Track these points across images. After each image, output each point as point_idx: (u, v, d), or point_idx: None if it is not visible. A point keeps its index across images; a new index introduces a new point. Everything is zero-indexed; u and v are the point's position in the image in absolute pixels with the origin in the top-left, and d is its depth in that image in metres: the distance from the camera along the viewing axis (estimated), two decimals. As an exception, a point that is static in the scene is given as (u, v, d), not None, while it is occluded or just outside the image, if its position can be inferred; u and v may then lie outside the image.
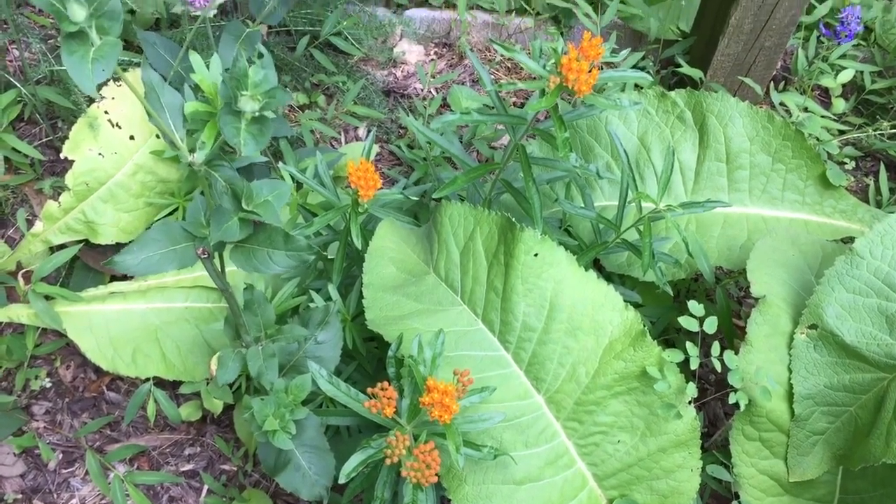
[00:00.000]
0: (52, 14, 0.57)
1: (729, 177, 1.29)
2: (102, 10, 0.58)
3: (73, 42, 0.58)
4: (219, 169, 0.66)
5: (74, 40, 0.58)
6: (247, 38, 1.36)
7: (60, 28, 0.58)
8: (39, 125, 1.58)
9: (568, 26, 1.82)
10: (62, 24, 0.57)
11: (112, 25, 0.59)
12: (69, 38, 0.58)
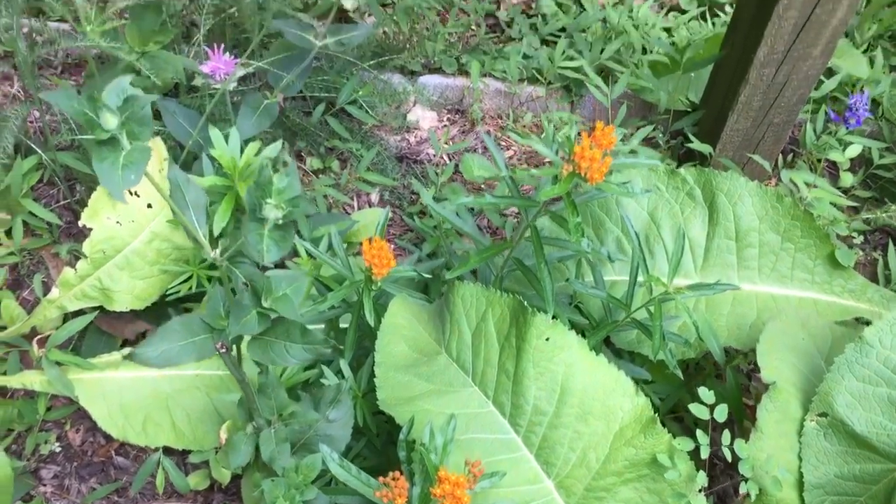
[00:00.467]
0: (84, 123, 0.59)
1: (738, 254, 1.30)
2: (134, 116, 0.60)
3: (104, 149, 0.60)
4: (239, 265, 0.68)
5: (105, 147, 0.60)
6: (265, 109, 1.39)
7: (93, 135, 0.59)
8: (57, 187, 1.61)
9: (579, 95, 1.85)
10: (94, 132, 0.59)
11: (142, 131, 0.61)
12: (100, 144, 0.60)
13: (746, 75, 1.41)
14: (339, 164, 1.74)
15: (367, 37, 1.34)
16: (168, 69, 1.64)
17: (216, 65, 1.26)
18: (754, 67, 1.39)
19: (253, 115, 1.37)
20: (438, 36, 1.89)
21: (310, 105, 1.76)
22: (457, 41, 1.97)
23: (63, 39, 1.23)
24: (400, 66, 1.88)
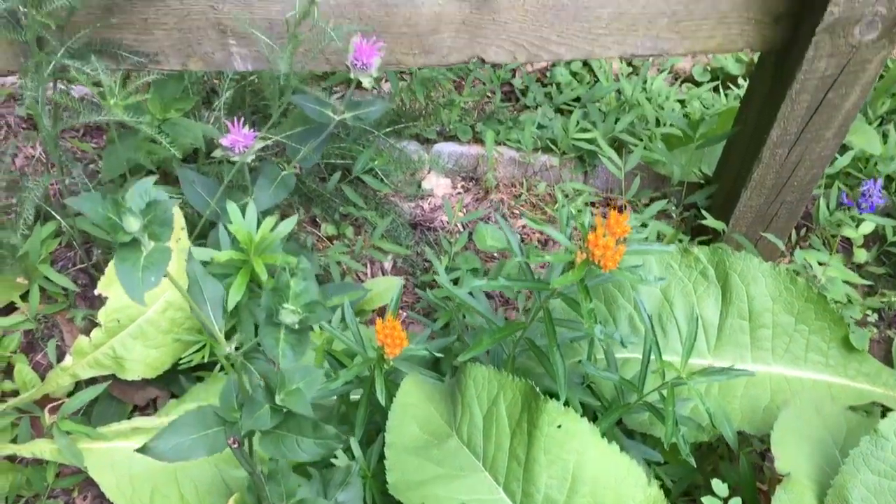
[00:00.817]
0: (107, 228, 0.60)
1: (752, 335, 1.29)
2: (156, 219, 0.61)
3: (126, 250, 0.61)
4: (254, 361, 0.68)
5: (127, 248, 0.61)
6: (282, 180, 1.40)
7: (115, 238, 0.60)
8: (75, 250, 1.62)
9: (592, 165, 1.86)
10: (116, 235, 0.60)
11: (163, 231, 0.62)
12: (122, 246, 0.61)
13: (759, 154, 1.42)
14: (354, 230, 1.75)
15: (383, 111, 1.36)
16: (188, 136, 1.66)
17: (236, 138, 1.28)
18: (767, 147, 1.40)
19: (270, 187, 1.38)
20: (454, 104, 1.92)
21: (325, 171, 1.79)
22: (472, 109, 1.99)
23: (86, 111, 1.25)
24: (415, 133, 1.90)
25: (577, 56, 1.35)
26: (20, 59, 1.31)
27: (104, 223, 0.59)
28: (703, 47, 1.34)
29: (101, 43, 1.26)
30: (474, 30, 1.33)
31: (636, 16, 1.31)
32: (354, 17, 1.30)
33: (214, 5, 1.27)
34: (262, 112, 1.84)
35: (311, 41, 1.24)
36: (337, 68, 1.41)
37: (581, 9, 1.30)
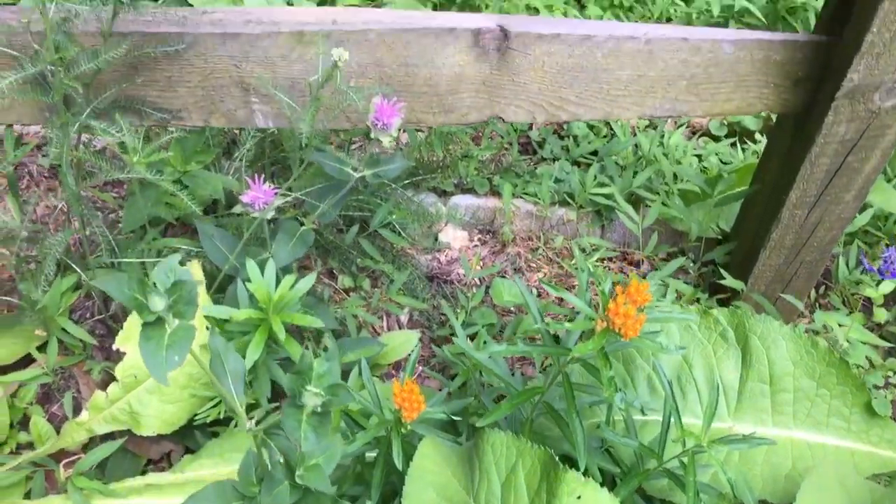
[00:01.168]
0: (132, 307, 0.60)
1: (773, 399, 1.28)
2: (182, 299, 0.61)
3: (150, 329, 0.61)
4: (275, 437, 0.68)
5: (151, 327, 0.61)
6: (300, 236, 1.41)
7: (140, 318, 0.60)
8: (93, 300, 1.63)
9: (609, 219, 1.86)
10: (142, 315, 0.60)
11: (188, 309, 0.63)
12: (147, 326, 0.61)
13: (778, 215, 1.42)
14: (371, 282, 1.76)
15: (403, 169, 1.37)
16: (207, 188, 1.68)
17: (256, 194, 1.29)
18: (786, 208, 1.40)
19: (289, 243, 1.39)
20: (471, 157, 1.93)
21: (342, 223, 1.79)
22: (489, 161, 2.00)
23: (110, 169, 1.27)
24: (433, 186, 1.91)
25: (596, 117, 1.36)
26: (45, 113, 1.33)
27: (130, 303, 0.59)
28: (721, 110, 1.35)
29: (125, 100, 1.28)
30: (494, 90, 1.34)
31: (655, 78, 1.32)
32: (375, 76, 1.32)
33: (238, 64, 1.29)
34: (281, 163, 1.86)
35: (333, 101, 1.26)
36: (357, 126, 1.42)
37: (600, 71, 1.31)
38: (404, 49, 1.29)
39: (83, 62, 1.12)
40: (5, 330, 1.53)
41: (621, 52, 1.29)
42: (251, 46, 1.27)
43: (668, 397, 1.09)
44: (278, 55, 1.28)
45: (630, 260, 1.85)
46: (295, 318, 1.17)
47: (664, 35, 1.28)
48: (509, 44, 1.29)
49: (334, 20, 1.30)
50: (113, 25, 1.21)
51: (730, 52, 1.28)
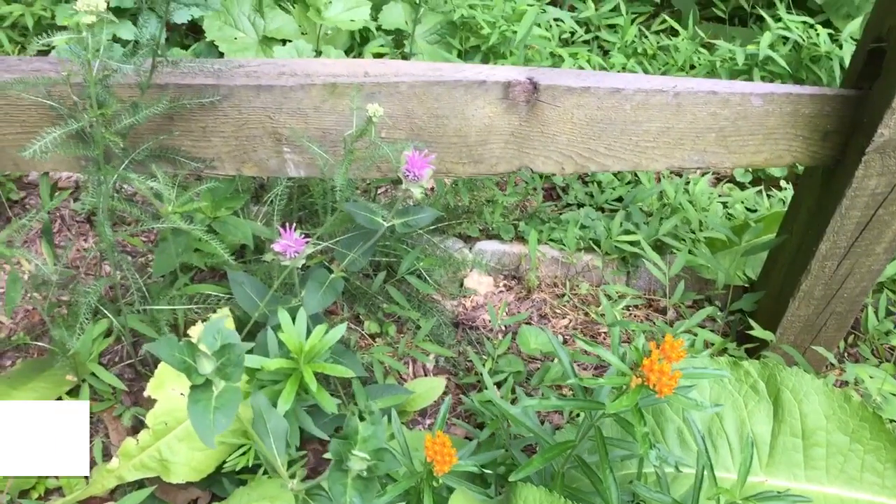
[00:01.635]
0: (182, 371, 0.61)
1: (805, 453, 1.27)
2: (230, 362, 0.62)
3: (198, 391, 0.62)
4: (316, 498, 0.68)
5: (199, 390, 0.62)
6: (330, 285, 1.42)
7: (189, 380, 0.61)
8: (121, 343, 1.64)
9: (635, 266, 1.86)
10: (191, 378, 0.61)
11: (234, 372, 0.63)
12: (196, 388, 0.62)
13: (808, 266, 1.41)
14: (396, 328, 1.76)
15: (432, 219, 1.38)
16: (237, 234, 1.70)
17: (287, 243, 1.30)
18: (816, 259, 1.40)
19: (319, 291, 1.40)
20: (496, 203, 1.94)
21: (369, 267, 1.80)
22: (514, 208, 2.02)
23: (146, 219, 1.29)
24: (458, 232, 1.93)
25: (625, 168, 1.37)
26: (80, 161, 1.35)
27: (179, 367, 0.60)
28: (749, 162, 1.35)
29: (160, 149, 1.31)
30: (523, 141, 1.35)
31: (683, 130, 1.33)
32: (406, 127, 1.34)
33: (271, 115, 1.31)
34: (308, 209, 1.88)
35: (365, 153, 1.27)
36: (387, 175, 1.44)
37: (629, 123, 1.32)
38: (435, 101, 1.31)
39: (125, 117, 1.14)
40: (36, 374, 1.55)
41: (650, 104, 1.30)
42: (284, 98, 1.29)
43: (702, 453, 1.08)
44: (311, 107, 1.30)
45: (656, 307, 1.84)
46: (326, 368, 1.17)
47: (693, 88, 1.29)
48: (539, 96, 1.31)
49: (366, 72, 1.32)
50: (151, 78, 1.23)
51: (759, 105, 1.29)
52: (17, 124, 1.30)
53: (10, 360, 1.64)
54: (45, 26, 2.31)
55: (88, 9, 0.90)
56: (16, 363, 1.63)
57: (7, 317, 1.66)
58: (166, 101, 1.16)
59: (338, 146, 1.35)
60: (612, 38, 2.26)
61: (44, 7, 2.27)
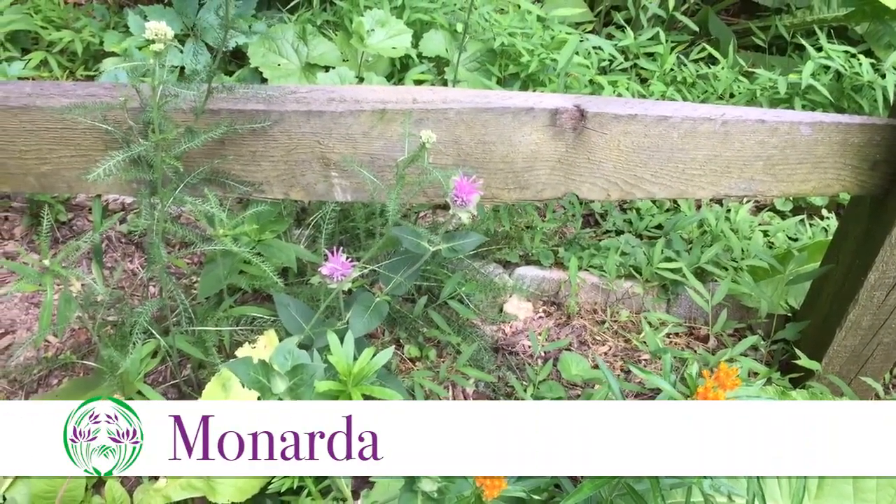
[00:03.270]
0: (256, 390, 0.62)
1: (855, 485, 1.25)
2: (302, 382, 0.63)
3: (270, 410, 0.63)
4: (380, 519, 0.69)
5: (271, 409, 0.63)
6: (375, 308, 1.43)
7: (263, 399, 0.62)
8: (166, 363, 1.66)
9: (675, 294, 1.86)
10: (265, 396, 0.62)
11: (305, 391, 0.64)
12: (268, 407, 0.63)
13: (856, 296, 1.40)
14: (436, 352, 1.77)
15: (478, 244, 1.39)
16: (281, 257, 1.72)
17: (334, 266, 1.32)
18: (864, 289, 1.39)
19: (364, 314, 1.41)
20: (536, 230, 1.95)
21: (409, 292, 1.81)
22: (553, 234, 2.02)
23: (197, 239, 1.31)
24: (497, 258, 1.93)
25: (670, 195, 1.37)
26: (133, 185, 1.38)
27: (254, 386, 0.61)
28: (797, 190, 1.35)
29: (210, 173, 1.33)
30: (569, 168, 1.36)
31: (731, 158, 1.33)
32: (453, 153, 1.35)
33: (320, 140, 1.33)
34: (349, 233, 1.90)
35: (413, 178, 1.29)
36: (433, 200, 1.45)
37: (676, 150, 1.33)
38: (482, 127, 1.33)
39: (182, 142, 1.16)
40: (82, 393, 1.57)
41: (697, 132, 1.31)
42: (334, 123, 1.32)
43: (753, 482, 1.07)
44: (360, 132, 1.32)
45: (696, 335, 1.83)
46: (375, 391, 1.18)
47: (741, 116, 1.29)
48: (586, 123, 1.32)
49: (414, 99, 1.34)
50: (205, 103, 1.26)
51: (808, 133, 1.29)
52: (72, 147, 1.33)
53: (57, 379, 1.66)
54: (93, 52, 2.37)
55: (157, 37, 0.92)
56: (62, 381, 1.65)
57: (58, 336, 1.69)
58: (225, 125, 1.18)
59: (385, 171, 1.36)
60: (650, 66, 2.27)
61: (92, 34, 2.32)
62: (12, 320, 1.76)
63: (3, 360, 1.68)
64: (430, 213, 2.10)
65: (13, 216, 1.97)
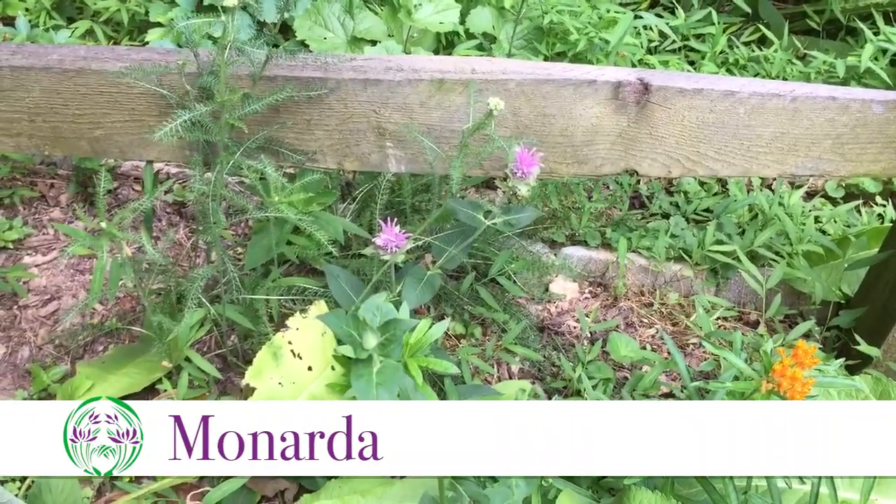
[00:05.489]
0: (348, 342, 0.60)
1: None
2: (393, 338, 0.61)
3: (361, 366, 0.61)
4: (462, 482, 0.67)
5: (362, 365, 0.61)
6: (427, 281, 1.42)
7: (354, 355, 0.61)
8: (212, 334, 1.66)
9: (725, 278, 1.83)
10: (356, 351, 0.60)
11: (395, 349, 0.63)
12: (358, 363, 0.61)
13: (920, 281, 1.37)
14: (481, 330, 1.75)
15: (534, 218, 1.36)
16: (329, 229, 1.70)
17: (388, 238, 1.30)
18: (930, 275, 1.35)
19: (416, 287, 1.39)
20: (584, 210, 1.92)
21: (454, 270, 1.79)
22: (600, 215, 1.99)
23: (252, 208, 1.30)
24: (543, 237, 1.91)
25: (734, 174, 1.34)
26: (185, 151, 1.37)
27: (346, 338, 0.59)
28: (866, 170, 1.32)
29: (265, 140, 1.31)
30: (630, 143, 1.33)
31: (798, 136, 1.29)
32: (511, 125, 1.33)
33: (376, 109, 1.31)
34: (395, 207, 1.88)
35: (476, 147, 1.27)
36: (488, 173, 1.43)
37: (742, 127, 1.29)
38: (542, 99, 1.30)
39: (245, 105, 1.15)
40: (129, 360, 1.57)
41: (765, 109, 1.27)
42: (391, 93, 1.29)
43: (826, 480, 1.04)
44: (417, 102, 1.30)
45: (746, 320, 1.80)
46: (431, 362, 1.16)
47: (811, 93, 1.26)
48: (650, 97, 1.29)
49: (473, 69, 1.31)
50: (263, 70, 1.24)
51: (880, 112, 1.25)
52: (125, 112, 1.32)
53: (103, 346, 1.66)
54: (139, 22, 2.36)
55: (230, -9, 0.90)
56: (108, 348, 1.65)
57: (110, 298, 1.68)
58: (290, 89, 1.16)
59: (441, 142, 1.34)
60: (701, 47, 2.23)
61: (138, 3, 2.31)
62: (58, 286, 1.77)
63: (50, 325, 1.68)
64: (474, 190, 2.07)
65: (59, 184, 1.97)
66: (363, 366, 0.60)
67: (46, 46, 1.33)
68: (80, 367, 1.53)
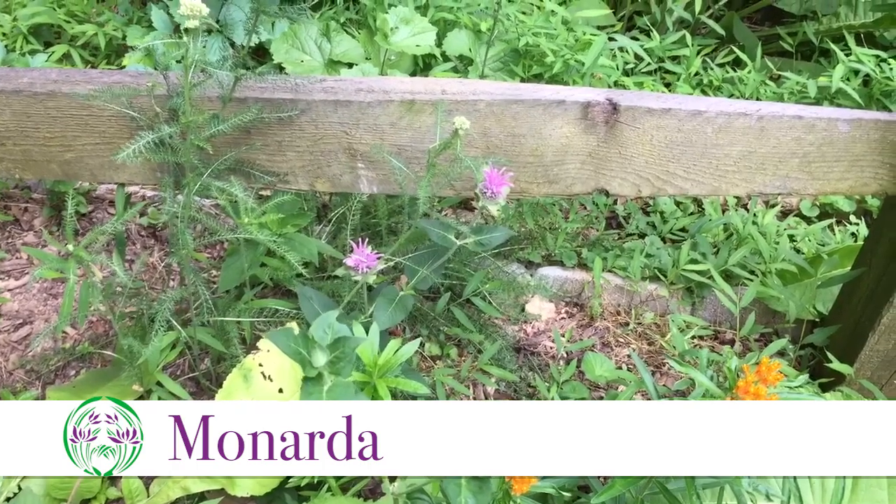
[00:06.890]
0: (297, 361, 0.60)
1: (889, 490, 1.22)
2: (343, 356, 0.61)
3: (311, 384, 0.61)
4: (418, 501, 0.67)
5: (311, 383, 0.61)
6: (400, 301, 1.41)
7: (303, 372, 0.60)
8: (184, 357, 1.65)
9: (701, 297, 1.83)
10: (304, 369, 0.60)
11: (345, 367, 0.62)
12: (308, 381, 0.61)
13: (891, 299, 1.37)
14: (457, 351, 1.74)
15: (506, 238, 1.36)
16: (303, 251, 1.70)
17: (360, 258, 1.30)
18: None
19: (389, 308, 1.39)
20: (560, 230, 1.93)
21: (430, 291, 1.79)
22: (576, 235, 2.00)
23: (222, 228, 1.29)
24: (519, 257, 1.91)
25: (703, 192, 1.35)
26: (157, 174, 1.36)
27: (295, 357, 0.59)
28: (833, 189, 1.33)
29: (235, 162, 1.31)
30: (600, 162, 1.34)
31: (766, 155, 1.30)
32: (482, 145, 1.33)
33: (347, 131, 1.31)
34: (371, 229, 1.88)
35: (445, 167, 1.27)
36: (460, 194, 1.43)
37: (710, 146, 1.30)
38: (512, 120, 1.31)
39: (212, 126, 1.15)
40: (101, 384, 1.55)
41: (732, 128, 1.28)
42: (362, 114, 1.30)
43: (791, 483, 1.04)
44: (388, 123, 1.31)
45: (721, 339, 1.80)
46: (400, 382, 1.15)
47: (777, 112, 1.27)
48: (618, 117, 1.29)
49: (443, 90, 1.32)
50: (233, 91, 1.24)
51: (846, 130, 1.26)
52: (96, 135, 1.32)
53: (75, 371, 1.65)
54: (116, 47, 2.36)
55: (192, 13, 0.91)
56: (80, 373, 1.64)
57: (80, 324, 1.67)
58: (255, 110, 1.17)
59: (412, 163, 1.34)
60: (676, 69, 2.25)
61: (115, 28, 2.32)
62: (30, 311, 1.75)
63: (21, 350, 1.67)
64: (450, 211, 2.08)
65: (33, 207, 1.96)
66: (313, 384, 0.60)
67: (18, 70, 1.33)
68: (50, 391, 1.52)
